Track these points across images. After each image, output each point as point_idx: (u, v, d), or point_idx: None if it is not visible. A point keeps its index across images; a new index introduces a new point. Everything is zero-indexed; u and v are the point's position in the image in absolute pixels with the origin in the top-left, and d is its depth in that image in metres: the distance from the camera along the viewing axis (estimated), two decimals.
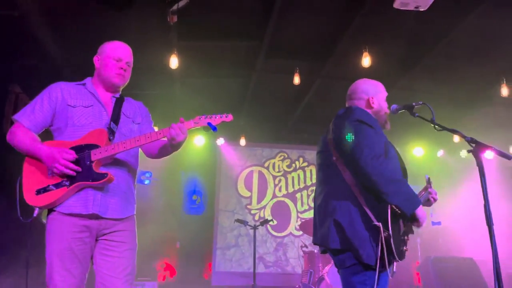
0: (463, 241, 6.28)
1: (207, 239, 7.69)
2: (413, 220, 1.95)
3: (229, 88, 6.34)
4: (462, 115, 6.40)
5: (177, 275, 7.31)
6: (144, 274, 6.36)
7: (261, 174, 8.27)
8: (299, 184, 8.30)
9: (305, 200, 8.20)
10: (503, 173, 7.55)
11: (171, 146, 2.12)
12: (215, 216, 7.84)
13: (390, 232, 1.83)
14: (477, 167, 1.96)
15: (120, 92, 2.34)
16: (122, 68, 2.24)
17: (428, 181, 2.39)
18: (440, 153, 8.11)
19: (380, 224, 1.85)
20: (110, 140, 2.11)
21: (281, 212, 8.06)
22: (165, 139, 2.11)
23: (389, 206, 1.86)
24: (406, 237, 1.99)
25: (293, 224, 7.98)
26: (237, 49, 5.35)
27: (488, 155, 5.62)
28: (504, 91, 5.36)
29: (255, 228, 5.04)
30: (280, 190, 8.23)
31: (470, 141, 1.98)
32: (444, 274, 5.16)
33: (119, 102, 2.27)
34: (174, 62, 4.82)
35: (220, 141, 7.80)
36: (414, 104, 2.25)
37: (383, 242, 1.83)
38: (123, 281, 2.03)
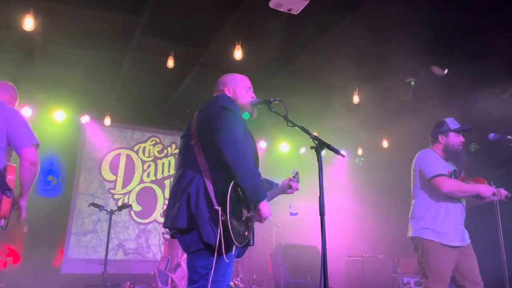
0: (313, 231, 6.90)
1: (61, 224, 7.07)
2: (256, 211, 2.08)
3: (100, 62, 5.88)
4: (323, 117, 7.03)
5: (22, 262, 6.58)
6: None
7: (129, 158, 7.91)
8: (169, 171, 8.17)
9: None
10: (353, 170, 8.52)
11: None
12: (72, 200, 7.25)
13: (228, 217, 1.94)
14: (332, 165, 2.16)
15: None
16: None
17: (295, 175, 2.67)
18: (303, 150, 8.77)
19: (219, 208, 1.95)
20: None
21: (147, 198, 7.84)
22: None
23: (229, 193, 1.97)
24: (249, 223, 2.10)
25: (159, 211, 7.83)
26: (113, 21, 4.98)
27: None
28: (356, 98, 6.06)
29: (111, 213, 4.80)
30: (148, 175, 7.98)
31: (314, 138, 2.18)
32: (290, 260, 5.69)
33: None
34: (29, 23, 4.26)
35: (85, 118, 7.21)
36: (271, 99, 2.38)
37: (221, 225, 1.93)
38: None
